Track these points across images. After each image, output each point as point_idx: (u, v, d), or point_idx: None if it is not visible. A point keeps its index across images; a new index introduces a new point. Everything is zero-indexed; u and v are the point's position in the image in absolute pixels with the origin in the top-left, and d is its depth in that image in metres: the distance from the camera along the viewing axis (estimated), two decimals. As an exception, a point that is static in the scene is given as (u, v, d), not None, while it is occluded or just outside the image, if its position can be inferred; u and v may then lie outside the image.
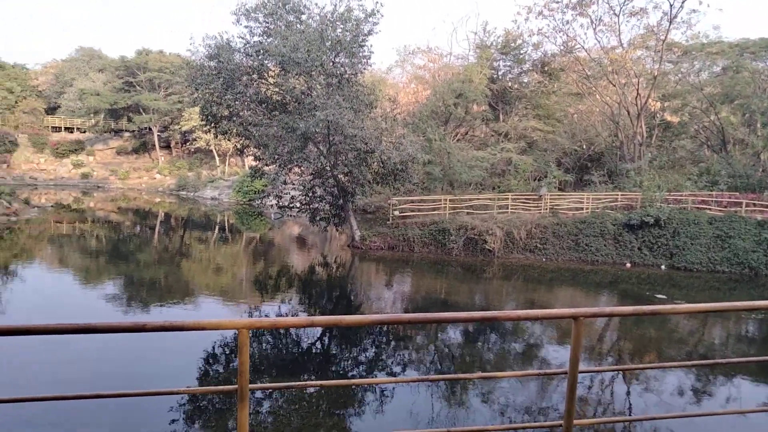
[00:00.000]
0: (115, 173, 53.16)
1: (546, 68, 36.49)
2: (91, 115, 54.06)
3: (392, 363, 10.95)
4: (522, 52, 36.58)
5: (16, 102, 54.19)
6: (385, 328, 12.78)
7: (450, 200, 24.93)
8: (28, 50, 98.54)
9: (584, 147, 34.96)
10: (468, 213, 24.42)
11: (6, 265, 18.78)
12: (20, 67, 60.14)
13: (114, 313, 13.37)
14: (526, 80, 38.35)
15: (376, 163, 22.79)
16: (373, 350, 11.82)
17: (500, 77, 37.41)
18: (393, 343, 12.34)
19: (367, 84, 24.73)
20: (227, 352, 10.91)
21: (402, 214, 24.63)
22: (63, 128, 56.71)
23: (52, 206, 36.01)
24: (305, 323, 2.27)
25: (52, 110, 57.66)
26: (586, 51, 33.28)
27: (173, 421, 7.68)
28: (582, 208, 25.60)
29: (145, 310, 13.85)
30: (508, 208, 25.30)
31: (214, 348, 10.85)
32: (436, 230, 23.32)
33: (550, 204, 25.92)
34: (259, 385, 2.28)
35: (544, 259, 22.47)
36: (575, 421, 2.45)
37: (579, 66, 33.77)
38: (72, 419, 7.52)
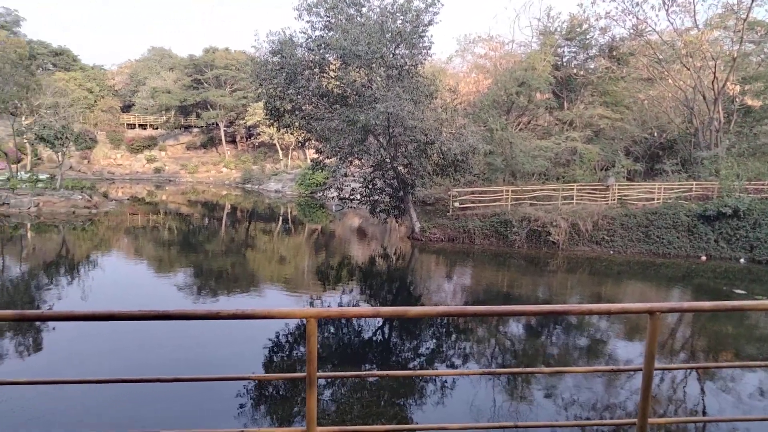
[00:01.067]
0: (185, 167, 55.54)
1: (614, 53, 34.93)
2: (163, 112, 56.72)
3: (453, 355, 10.89)
4: (588, 37, 35.18)
5: (95, 101, 57.51)
6: (445, 320, 12.73)
7: (512, 191, 24.44)
8: (105, 52, 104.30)
9: (655, 134, 33.30)
10: (531, 204, 23.87)
11: (88, 255, 20.06)
12: (98, 68, 63.72)
13: (184, 301, 14.00)
14: (592, 66, 36.88)
15: (436, 155, 22.65)
16: (434, 342, 11.80)
17: (565, 64, 36.15)
18: (454, 335, 12.26)
19: (427, 75, 24.56)
20: (290, 341, 11.20)
21: (462, 206, 24.38)
22: (137, 125, 59.74)
23: (128, 199, 38.07)
24: (371, 313, 2.28)
25: (127, 108, 60.82)
26: (657, 34, 31.59)
27: (241, 405, 7.97)
28: (653, 199, 24.46)
29: (214, 299, 14.42)
30: (573, 199, 24.54)
31: (278, 336, 11.16)
32: (498, 222, 22.95)
33: (618, 194, 24.92)
34: (326, 373, 2.32)
35: (611, 252, 21.66)
36: (650, 420, 2.35)
37: (650, 50, 32.10)
38: (151, 400, 7.95)
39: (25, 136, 35.28)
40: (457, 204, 24.28)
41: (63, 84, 49.81)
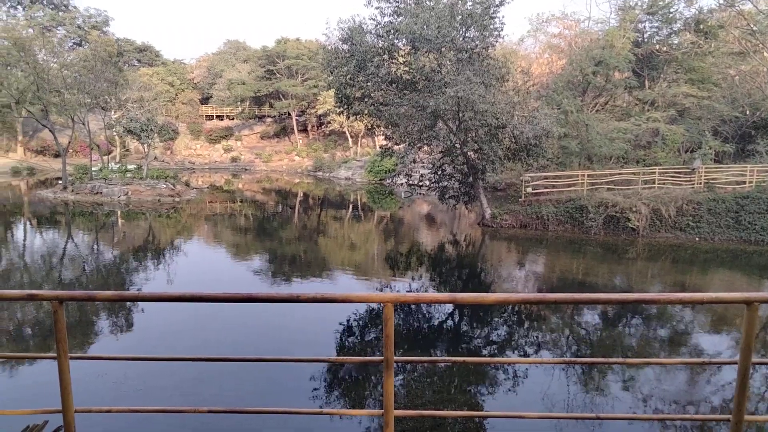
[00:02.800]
0: (260, 156, 57.43)
1: (701, 26, 32.60)
2: (238, 103, 58.82)
3: (525, 343, 10.70)
4: (672, 10, 33.04)
5: (176, 94, 60.45)
6: (517, 308, 12.51)
7: (588, 175, 23.53)
8: (185, 47, 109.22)
9: (747, 113, 30.88)
10: (608, 189, 22.89)
11: (172, 241, 21.26)
12: (179, 63, 66.84)
13: (260, 285, 14.56)
14: (676, 42, 34.62)
15: (507, 139, 22.15)
16: (505, 329, 11.64)
17: (646, 40, 34.17)
18: (526, 323, 12.04)
19: (498, 57, 23.96)
20: (360, 325, 11.40)
21: (535, 191, 23.75)
22: (215, 116, 62.29)
23: (207, 188, 39.92)
24: (447, 299, 2.27)
25: (205, 100, 63.52)
26: (752, 2, 29.17)
27: (315, 387, 8.22)
28: (744, 182, 22.78)
29: (287, 283, 14.90)
30: (654, 183, 23.31)
31: (348, 321, 11.39)
32: (573, 207, 22.18)
33: (705, 178, 23.42)
34: (402, 357, 2.34)
35: (697, 239, 20.42)
36: (746, 417, 2.21)
37: (742, 21, 29.74)
38: (234, 379, 8.35)
39: (114, 129, 37.70)
40: (529, 189, 23.67)
41: (147, 79, 52.71)
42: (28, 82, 35.30)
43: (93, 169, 34.55)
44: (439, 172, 24.54)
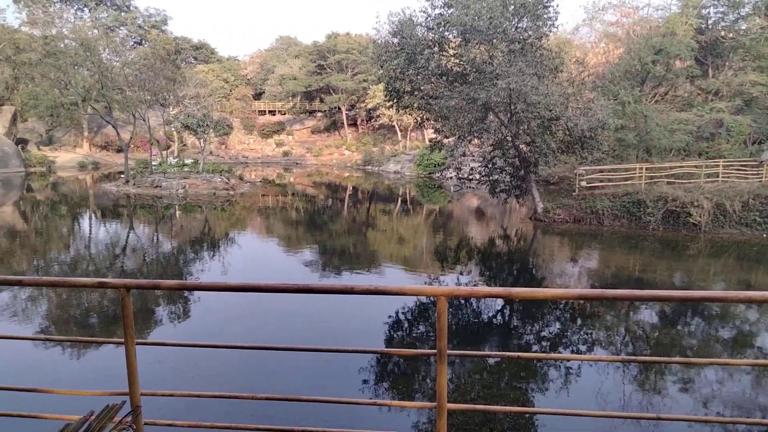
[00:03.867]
0: (310, 151, 58.29)
1: (772, 10, 30.74)
2: (290, 98, 59.83)
3: (577, 341, 10.46)
4: (740, -6, 31.27)
5: (230, 90, 62.06)
6: (569, 304, 12.23)
7: (646, 169, 22.68)
8: (239, 43, 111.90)
9: (823, 102, 28.94)
10: (668, 183, 22.00)
11: (226, 233, 21.92)
12: (233, 59, 68.54)
13: (311, 276, 14.82)
14: (744, 27, 32.75)
15: (561, 131, 21.60)
16: (557, 326, 11.41)
17: (710, 26, 32.52)
18: (579, 320, 11.76)
19: (552, 47, 23.37)
20: (409, 318, 11.43)
21: (590, 185, 23.09)
22: (267, 111, 63.59)
23: (260, 181, 40.85)
24: (502, 294, 2.25)
25: (258, 96, 64.92)
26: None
27: (365, 380, 8.31)
28: (819, 176, 21.41)
29: (337, 276, 15.10)
30: (718, 177, 22.23)
31: (398, 313, 11.44)
32: (630, 202, 21.44)
33: (775, 171, 22.13)
34: (456, 351, 2.34)
35: (764, 235, 19.36)
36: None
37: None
38: (288, 368, 8.56)
39: (172, 125, 39.13)
40: (584, 183, 23.03)
41: (203, 76, 54.35)
42: (93, 81, 37.06)
43: (153, 163, 35.98)
44: (490, 166, 24.21)
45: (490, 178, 24.55)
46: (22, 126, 49.74)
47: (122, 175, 35.43)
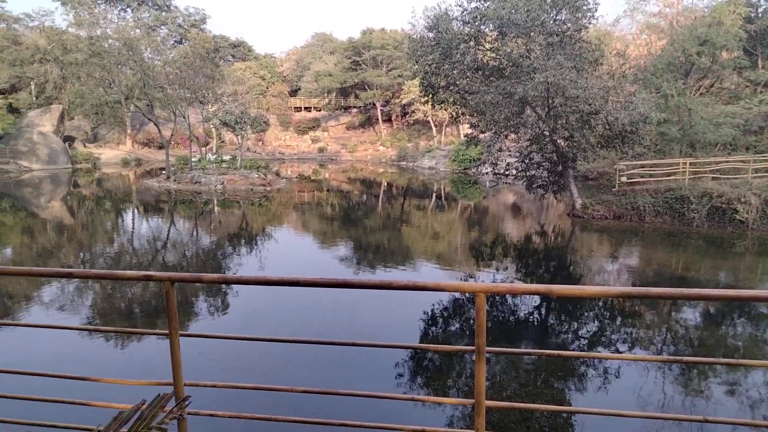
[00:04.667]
0: (345, 146, 58.61)
1: (828, -3, 29.29)
2: (325, 94, 60.28)
3: (617, 340, 10.23)
4: (793, -20, 29.91)
5: (267, 87, 62.90)
6: (608, 302, 11.97)
7: (690, 163, 21.96)
8: (275, 40, 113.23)
9: None
10: (713, 178, 21.26)
11: (263, 228, 22.27)
12: (269, 57, 69.44)
13: (346, 272, 14.93)
14: (797, 15, 31.33)
15: (600, 126, 21.11)
16: (595, 324, 11.18)
17: (760, 15, 31.20)
18: (618, 318, 11.49)
19: (592, 40, 22.83)
20: (444, 314, 11.40)
21: (630, 181, 22.50)
22: (303, 108, 64.23)
23: (296, 177, 41.34)
24: (543, 291, 2.22)
25: (293, 92, 65.63)
26: None
27: (399, 375, 8.33)
28: None
29: (371, 271, 15.16)
30: (767, 172, 21.33)
31: (433, 310, 11.41)
32: (672, 198, 20.81)
33: (829, 166, 21.13)
34: (495, 348, 2.33)
35: (817, 234, 18.53)
36: None
37: None
38: (322, 360, 8.66)
39: (211, 122, 39.93)
40: (624, 179, 22.46)
41: (240, 73, 55.25)
42: (135, 79, 38.14)
43: (192, 159, 36.82)
44: (527, 161, 23.86)
45: (527, 173, 24.20)
46: (69, 124, 51.60)
47: (163, 172, 36.38)
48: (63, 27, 52.83)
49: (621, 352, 9.58)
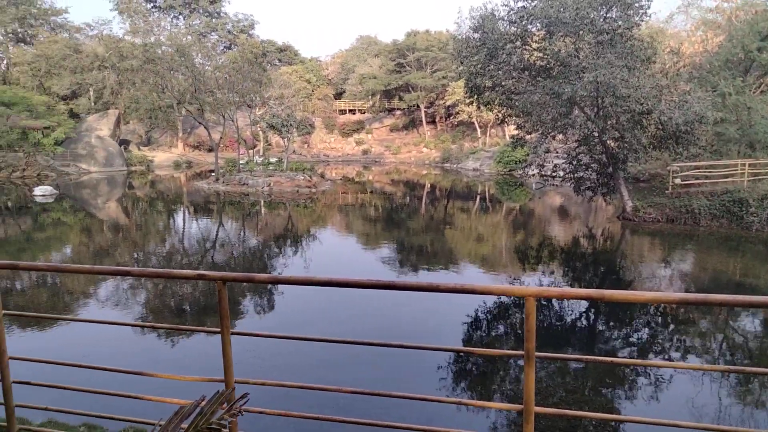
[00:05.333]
0: (389, 149, 58.76)
1: None
2: (369, 96, 60.62)
3: (669, 347, 9.87)
4: None
5: (312, 91, 63.74)
6: (659, 308, 11.57)
7: (749, 165, 20.97)
8: (321, 44, 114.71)
9: None
10: (775, 180, 20.23)
11: (308, 230, 22.58)
12: (315, 60, 70.36)
13: (389, 274, 14.95)
14: None
15: (653, 126, 20.41)
16: (646, 331, 10.83)
17: (827, 8, 29.46)
18: (671, 325, 11.09)
19: (644, 37, 22.13)
20: (488, 319, 11.27)
21: (684, 183, 21.67)
22: (347, 110, 64.77)
23: (340, 179, 41.74)
24: (595, 296, 2.17)
25: (338, 95, 66.26)
26: None
27: (442, 378, 8.29)
28: None
29: (414, 274, 15.14)
30: (836, 174, 20.18)
31: (476, 313, 11.31)
32: (730, 200, 19.91)
33: None
34: (544, 354, 2.29)
35: None
36: None
37: None
38: (365, 362, 8.72)
39: (258, 125, 40.80)
40: (678, 180, 21.65)
41: (287, 77, 56.22)
42: (187, 84, 39.40)
43: (240, 162, 37.71)
44: (575, 162, 23.31)
45: (575, 175, 23.63)
46: (124, 128, 53.76)
47: (212, 174, 37.39)
48: (120, 35, 55.17)
49: (674, 360, 9.24)
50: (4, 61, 53.72)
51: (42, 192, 30.46)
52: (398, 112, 62.28)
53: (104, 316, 11.08)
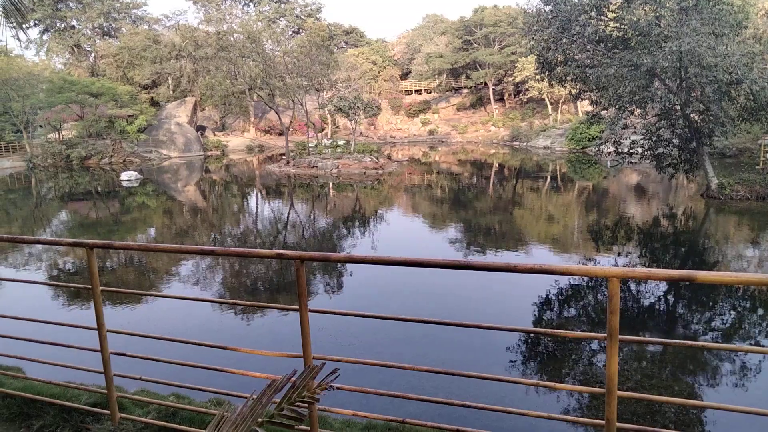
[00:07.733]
0: (456, 128, 58.01)
1: None
2: (435, 76, 59.89)
3: (758, 333, 9.27)
4: None
5: (378, 72, 63.77)
6: (747, 291, 10.87)
7: None
8: (387, 24, 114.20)
9: None
10: None
11: (375, 210, 22.81)
12: (381, 41, 70.23)
13: (456, 254, 14.88)
14: None
15: (743, 97, 18.98)
16: (731, 315, 10.22)
17: None
18: (760, 309, 10.40)
19: (733, 1, 20.49)
20: (564, 299, 11.01)
21: (778, 157, 20.09)
22: (413, 91, 64.40)
23: (406, 160, 41.71)
24: (685, 277, 2.07)
25: (404, 76, 65.94)
26: None
27: (511, 360, 8.22)
28: None
29: (482, 254, 14.97)
30: None
31: (549, 294, 11.07)
32: (831, 177, 18.29)
33: None
34: (629, 337, 2.23)
35: None
36: None
37: None
38: (436, 340, 8.79)
39: (326, 108, 41.37)
40: (770, 155, 20.10)
41: (353, 59, 56.50)
42: (258, 70, 40.48)
43: (309, 145, 38.48)
44: (654, 138, 22.08)
45: (655, 151, 22.39)
46: (200, 114, 56.12)
47: (283, 157, 38.41)
48: (194, 24, 57.36)
49: (761, 346, 8.69)
50: (92, 54, 57.31)
51: (128, 177, 32.46)
52: (465, 91, 61.20)
53: (187, 292, 11.75)
